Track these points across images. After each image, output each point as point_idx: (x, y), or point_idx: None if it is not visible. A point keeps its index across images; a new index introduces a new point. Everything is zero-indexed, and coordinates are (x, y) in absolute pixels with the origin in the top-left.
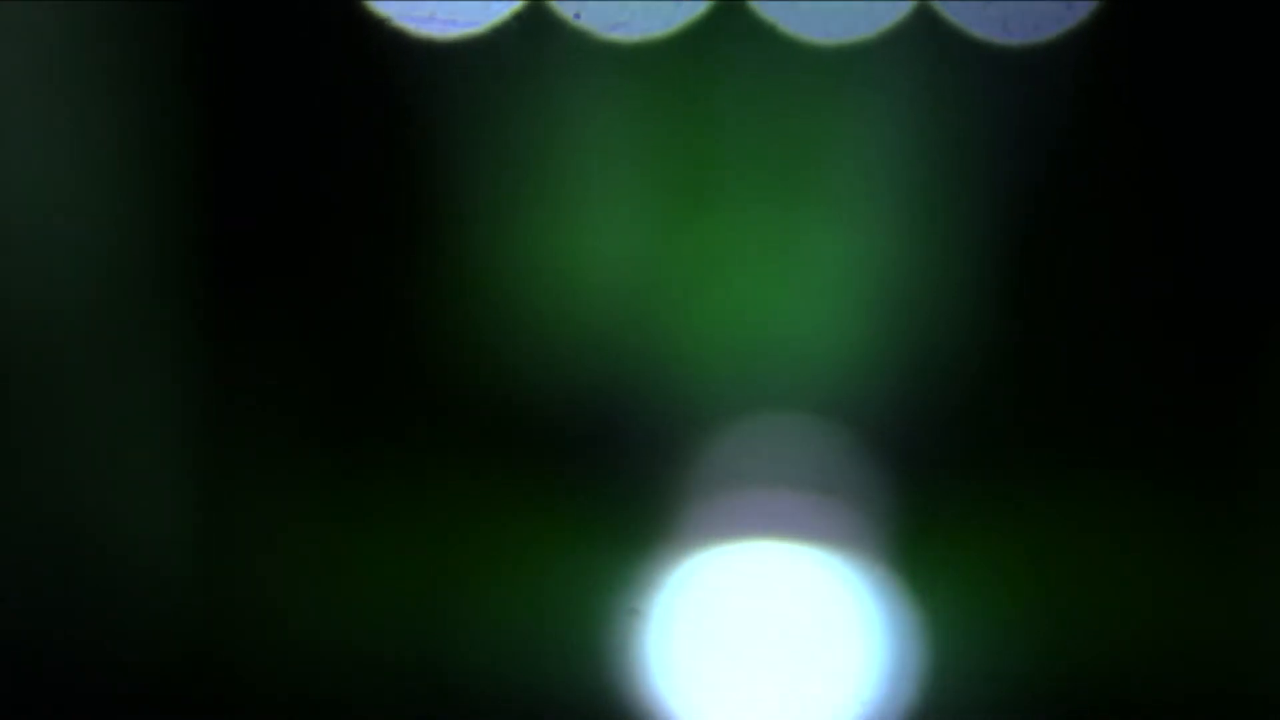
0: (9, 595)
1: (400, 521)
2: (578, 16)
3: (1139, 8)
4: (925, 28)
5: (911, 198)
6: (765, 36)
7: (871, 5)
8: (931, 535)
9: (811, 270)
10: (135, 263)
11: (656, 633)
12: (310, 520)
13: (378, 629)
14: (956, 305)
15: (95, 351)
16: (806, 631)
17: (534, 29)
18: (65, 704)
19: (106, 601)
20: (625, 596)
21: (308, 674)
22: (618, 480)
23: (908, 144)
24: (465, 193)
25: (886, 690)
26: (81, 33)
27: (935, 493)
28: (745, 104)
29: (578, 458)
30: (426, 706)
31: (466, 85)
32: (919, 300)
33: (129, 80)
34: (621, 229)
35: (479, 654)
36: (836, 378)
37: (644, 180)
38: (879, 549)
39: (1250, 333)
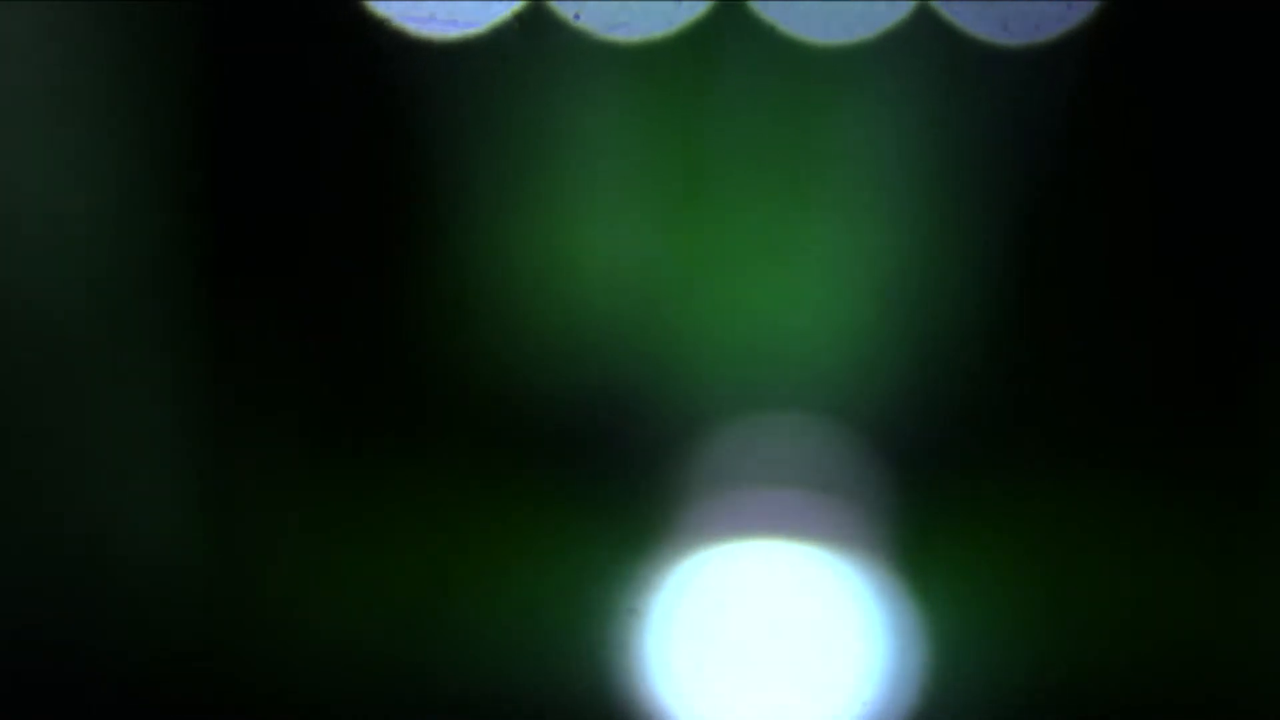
0: (12, 598)
1: (402, 521)
2: (578, 17)
3: (1139, 8)
4: (926, 28)
5: (912, 197)
6: (765, 37)
7: (871, 5)
8: (932, 535)
9: (813, 270)
10: (136, 264)
11: (656, 633)
12: (312, 521)
13: (379, 629)
14: (958, 305)
15: (97, 353)
16: (807, 631)
17: (534, 29)
18: (68, 705)
19: (108, 603)
20: (626, 596)
21: (309, 674)
22: (619, 480)
23: (908, 144)
24: (466, 193)
25: (887, 690)
26: (81, 33)
27: (936, 492)
28: (746, 105)
29: (579, 458)
30: (427, 707)
31: (467, 86)
32: (921, 300)
33: (128, 81)
34: (622, 229)
35: (480, 654)
36: (839, 377)
37: (645, 181)
38: (880, 548)
39: (1251, 332)
